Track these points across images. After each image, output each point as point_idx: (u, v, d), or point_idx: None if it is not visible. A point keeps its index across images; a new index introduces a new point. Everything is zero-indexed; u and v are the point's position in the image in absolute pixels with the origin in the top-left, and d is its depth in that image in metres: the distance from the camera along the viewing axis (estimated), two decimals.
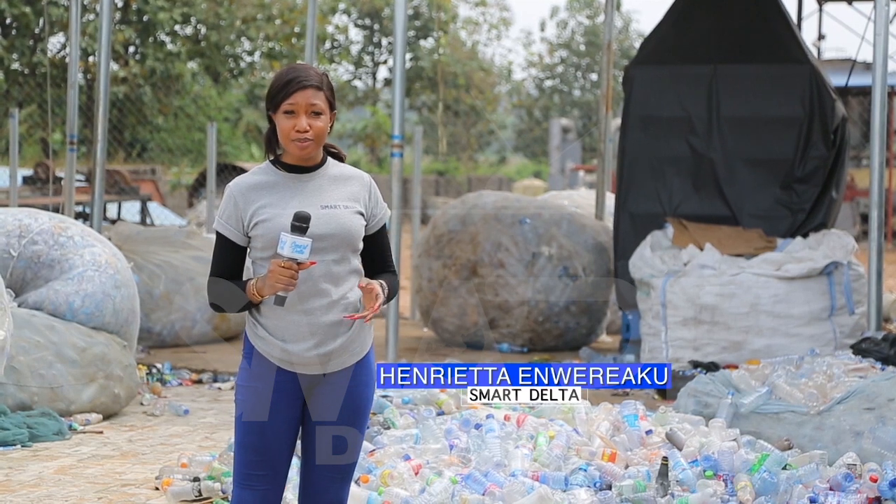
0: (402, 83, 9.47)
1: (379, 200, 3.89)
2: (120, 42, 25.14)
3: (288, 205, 3.74)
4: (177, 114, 27.79)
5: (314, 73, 3.79)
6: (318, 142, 3.78)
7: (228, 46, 28.41)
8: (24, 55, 24.61)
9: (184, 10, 26.41)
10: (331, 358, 3.78)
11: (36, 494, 5.86)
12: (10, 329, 7.05)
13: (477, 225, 10.94)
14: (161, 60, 26.37)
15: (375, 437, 6.15)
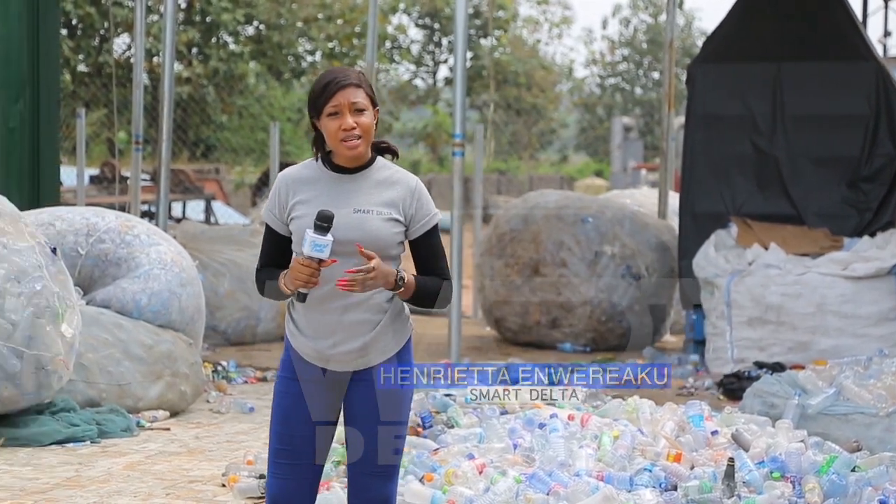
0: (462, 82, 9.47)
1: (424, 205, 3.83)
2: (183, 42, 25.36)
3: (323, 204, 3.76)
4: (240, 113, 27.99)
5: (352, 72, 3.81)
6: (366, 138, 3.78)
7: (290, 46, 28.57)
8: (89, 56, 24.90)
9: (246, 10, 26.59)
10: (355, 356, 3.80)
11: (105, 490, 5.93)
12: (78, 327, 7.15)
13: (539, 224, 10.93)
14: (224, 61, 26.56)
15: (439, 436, 6.16)
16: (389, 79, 39.62)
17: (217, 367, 9.26)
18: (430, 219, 3.84)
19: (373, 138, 3.82)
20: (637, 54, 48.63)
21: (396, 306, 3.83)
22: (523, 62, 38.96)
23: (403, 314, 3.87)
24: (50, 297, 6.88)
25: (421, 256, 3.85)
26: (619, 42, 49.19)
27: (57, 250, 7.23)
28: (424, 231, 3.83)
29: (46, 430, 6.84)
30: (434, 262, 3.85)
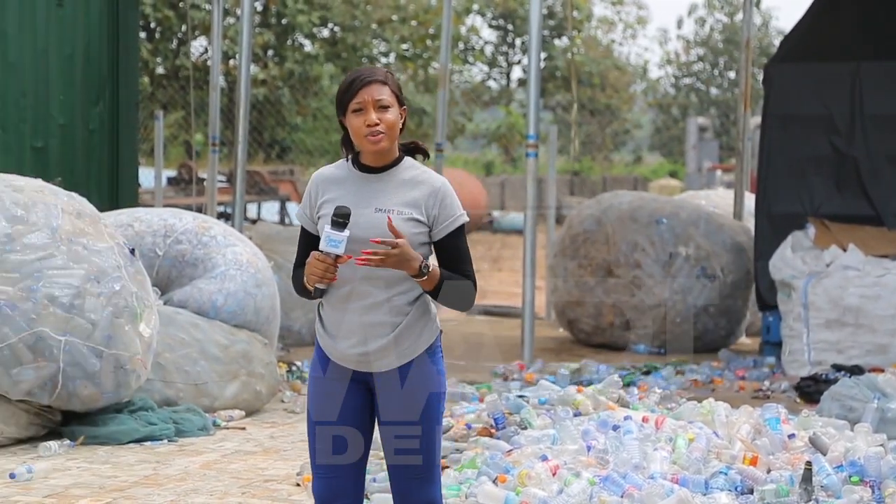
0: (536, 83, 9.46)
1: (448, 206, 3.80)
2: (259, 45, 25.59)
3: (347, 202, 3.77)
4: (315, 115, 28.18)
5: (378, 70, 3.81)
6: (390, 135, 3.78)
7: (364, 48, 28.70)
8: (167, 59, 25.21)
9: (322, 12, 26.76)
10: (375, 358, 3.79)
11: (182, 488, 6.00)
12: (156, 326, 7.24)
13: (613, 225, 10.87)
14: (299, 62, 26.76)
15: (513, 438, 6.16)
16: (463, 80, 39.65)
17: (291, 367, 9.32)
18: (454, 220, 3.81)
19: (398, 136, 3.82)
20: (713, 54, 48.22)
21: (420, 309, 3.80)
22: (597, 63, 38.81)
23: (428, 316, 3.82)
24: (128, 297, 6.97)
25: (445, 258, 3.82)
26: (695, 42, 48.81)
27: (135, 251, 7.32)
28: (448, 232, 3.80)
29: (125, 428, 6.94)
30: (458, 265, 3.80)
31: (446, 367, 3.98)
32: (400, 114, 3.80)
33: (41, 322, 6.66)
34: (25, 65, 9.06)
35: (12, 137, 8.98)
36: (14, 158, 8.94)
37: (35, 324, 6.64)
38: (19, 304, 6.63)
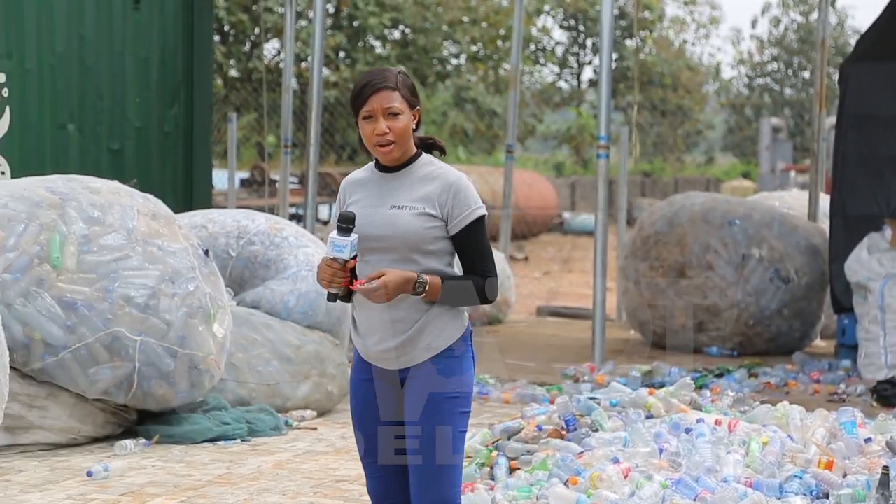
0: (608, 84, 9.42)
1: (461, 201, 3.78)
2: (331, 47, 25.73)
3: (369, 203, 3.81)
4: None
5: (389, 75, 3.80)
6: (400, 142, 3.78)
7: (435, 50, 28.75)
8: (240, 61, 25.44)
9: (393, 14, 26.85)
10: (398, 354, 3.79)
11: (255, 488, 6.05)
12: (229, 327, 7.31)
13: (684, 226, 10.80)
14: (370, 64, 26.87)
15: (584, 440, 6.13)
16: (533, 81, 39.59)
17: None
18: (468, 214, 3.79)
19: (410, 139, 3.82)
20: (787, 53, 47.70)
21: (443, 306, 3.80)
22: (669, 63, 38.55)
23: (452, 312, 3.81)
24: (202, 297, 7.04)
25: (462, 253, 3.81)
26: (769, 41, 48.32)
27: (209, 252, 7.40)
28: (462, 227, 3.78)
29: (199, 428, 7.01)
30: (474, 260, 3.79)
31: (516, 368, 3.97)
32: (413, 115, 3.81)
33: (117, 322, 6.74)
34: (102, 68, 9.20)
35: (89, 140, 9.11)
36: (91, 160, 9.07)
37: (111, 324, 6.73)
38: (96, 304, 6.72)
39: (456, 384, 3.81)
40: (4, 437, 6.52)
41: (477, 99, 31.02)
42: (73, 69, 8.96)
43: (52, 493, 5.86)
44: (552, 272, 19.22)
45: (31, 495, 5.80)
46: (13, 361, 6.46)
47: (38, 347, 6.62)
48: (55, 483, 6.03)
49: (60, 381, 6.69)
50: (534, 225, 24.79)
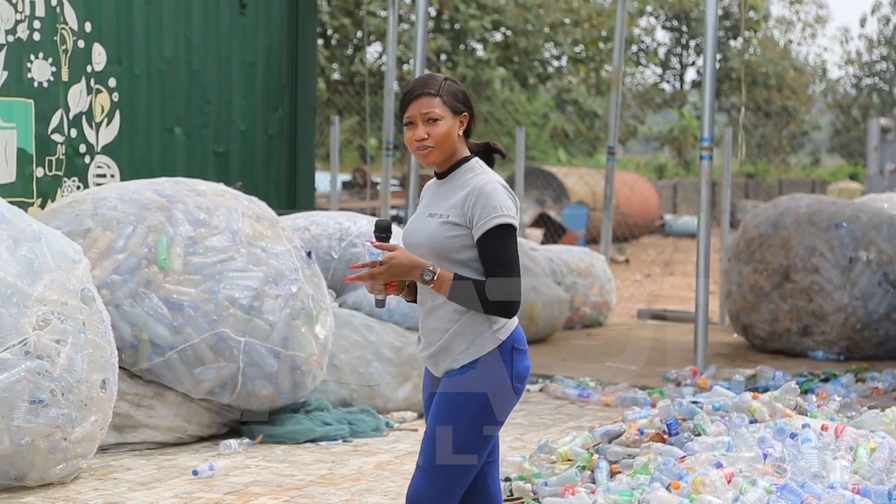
0: (712, 85, 9.32)
1: (482, 207, 3.75)
2: (433, 50, 25.83)
3: (420, 211, 3.89)
4: (486, 119, 28.31)
5: (433, 81, 3.82)
6: (439, 148, 3.79)
7: (536, 52, 28.71)
8: (343, 65, 25.65)
9: (494, 17, 26.87)
10: (434, 362, 3.85)
11: (357, 488, 6.09)
12: (331, 328, 7.37)
13: (789, 229, 10.64)
14: (472, 67, 26.92)
15: (686, 444, 6.07)
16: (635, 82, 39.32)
17: None
18: (487, 221, 3.74)
19: (453, 146, 3.81)
20: None
21: (475, 317, 3.78)
22: (774, 63, 38.03)
23: (483, 326, 3.78)
24: (305, 299, 7.11)
25: (481, 260, 3.78)
26: (878, 40, 47.41)
27: (312, 254, 7.47)
28: (480, 234, 3.75)
29: (301, 428, 7.08)
30: (490, 267, 3.75)
31: (616, 371, 3.96)
32: (459, 122, 3.81)
33: (222, 323, 6.84)
34: (208, 72, 9.34)
35: (196, 143, 9.26)
36: (197, 163, 9.22)
37: (216, 325, 6.82)
38: (201, 305, 6.82)
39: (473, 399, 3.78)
40: (113, 436, 6.65)
41: (578, 101, 30.90)
42: (180, 74, 9.12)
43: (158, 490, 5.96)
44: (653, 275, 19.07)
45: (139, 493, 5.91)
46: (122, 361, 6.59)
47: (146, 347, 6.74)
48: (162, 481, 6.14)
49: (167, 380, 6.81)
50: (635, 227, 24.62)
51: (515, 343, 3.81)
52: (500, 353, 3.79)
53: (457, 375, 3.80)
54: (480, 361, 3.79)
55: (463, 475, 3.83)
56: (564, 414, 8.21)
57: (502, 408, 3.81)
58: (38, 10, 8.13)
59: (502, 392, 3.79)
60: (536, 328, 11.14)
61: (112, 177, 8.59)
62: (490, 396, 3.79)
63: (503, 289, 3.73)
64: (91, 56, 8.46)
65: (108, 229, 6.88)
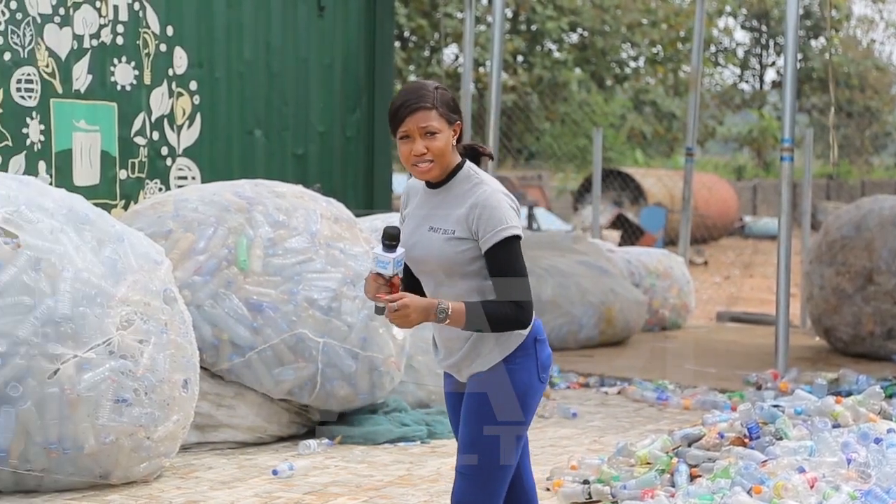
0: (793, 85, 9.21)
1: (486, 220, 3.70)
2: (509, 51, 25.81)
3: (414, 223, 3.81)
4: (563, 120, 28.24)
5: (426, 93, 3.74)
6: (439, 161, 3.74)
7: (613, 52, 28.57)
8: (419, 67, 25.72)
9: (571, 18, 26.79)
10: (457, 369, 3.84)
11: (435, 489, 6.10)
12: (409, 330, 7.39)
13: (873, 231, 10.49)
14: (548, 68, 26.86)
15: (767, 448, 6.01)
16: (714, 83, 38.99)
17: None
18: (493, 235, 3.69)
19: (450, 157, 3.77)
20: None
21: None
22: (856, 63, 37.51)
23: None
24: None
25: (490, 273, 3.74)
26: None
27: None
28: (488, 246, 3.70)
29: (379, 429, 7.10)
30: (499, 281, 3.72)
31: (695, 374, 3.92)
32: (454, 131, 3.76)
33: (301, 324, 6.88)
34: (287, 74, 9.40)
35: (275, 144, 9.33)
36: (277, 165, 9.29)
37: (295, 325, 6.87)
38: (281, 306, 6.87)
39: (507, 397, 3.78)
40: (195, 435, 6.72)
41: (656, 101, 30.71)
42: (260, 76, 9.19)
43: (239, 490, 6.01)
44: (732, 277, 18.89)
45: (220, 492, 5.97)
46: (203, 361, 6.66)
47: (226, 348, 6.80)
48: (242, 481, 6.19)
49: (247, 381, 6.86)
50: (713, 229, 24.41)
51: (537, 335, 3.82)
52: (524, 347, 3.79)
53: (485, 375, 3.78)
54: (507, 359, 3.77)
55: (505, 474, 3.83)
56: (643, 417, 8.16)
57: (532, 402, 3.82)
58: (121, 15, 8.25)
59: (531, 387, 3.80)
60: (614, 330, 11.08)
61: (193, 179, 8.68)
62: (520, 393, 3.78)
63: (513, 304, 3.70)
64: (172, 59, 8.56)
65: (190, 231, 6.96)
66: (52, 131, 7.90)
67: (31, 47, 7.77)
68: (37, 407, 5.67)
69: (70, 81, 7.98)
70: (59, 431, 5.71)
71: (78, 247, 5.99)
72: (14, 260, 5.78)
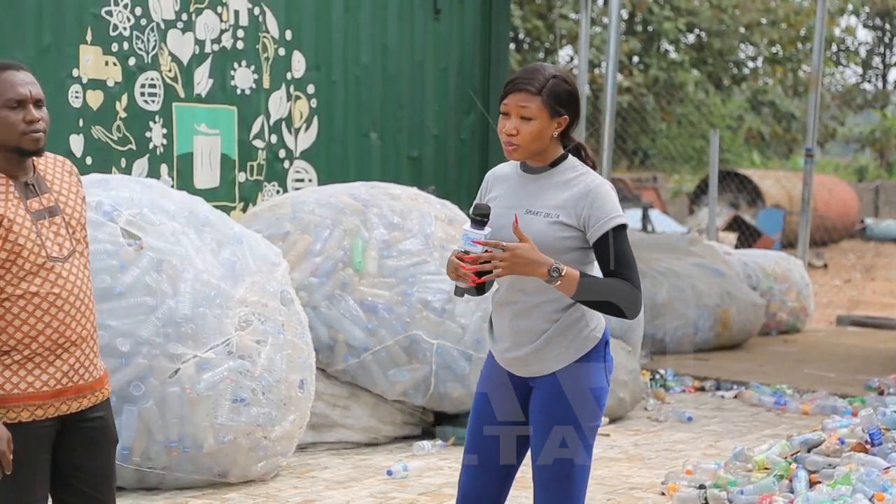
0: None
1: (599, 208, 3.61)
2: (625, 52, 25.64)
3: (506, 203, 3.70)
4: (679, 121, 27.97)
5: (539, 76, 3.65)
6: (524, 147, 3.65)
7: (731, 53, 28.22)
8: None
9: (688, 18, 26.52)
10: (524, 363, 3.71)
11: None
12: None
13: None
14: (664, 69, 26.63)
15: (890, 455, 5.88)
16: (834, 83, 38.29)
17: (655, 376, 9.28)
18: (606, 222, 3.61)
19: (541, 147, 3.67)
20: None
21: (572, 316, 3.66)
22: None
23: (582, 324, 3.68)
24: None
25: (602, 261, 3.65)
26: None
27: None
28: (600, 235, 3.62)
29: None
30: (616, 266, 3.62)
31: (815, 378, 3.84)
32: (557, 123, 3.66)
33: (415, 326, 6.92)
34: (403, 77, 9.46)
35: (390, 147, 9.40)
36: (392, 167, 9.35)
37: (410, 327, 6.91)
38: (395, 307, 6.92)
39: (585, 395, 3.70)
40: (310, 435, 6.80)
41: (774, 102, 30.25)
42: (376, 79, 9.27)
43: (354, 490, 6.07)
44: (853, 280, 18.52)
45: (335, 492, 6.03)
46: (318, 362, 6.74)
47: (342, 349, 6.87)
48: (358, 481, 6.24)
49: (362, 381, 6.92)
50: (834, 231, 23.96)
51: (606, 337, 3.76)
52: (597, 349, 3.72)
53: (560, 377, 3.69)
54: (581, 360, 3.69)
55: (587, 475, 3.80)
56: (760, 421, 8.05)
57: (603, 403, 3.76)
58: (241, 20, 8.39)
59: (604, 389, 3.75)
60: (730, 333, 10.95)
61: (310, 181, 8.78)
62: (594, 394, 3.72)
63: (631, 289, 3.62)
64: (291, 63, 8.68)
65: (306, 233, 7.05)
66: (173, 135, 8.06)
67: (155, 52, 7.94)
68: (158, 406, 5.79)
69: (191, 86, 8.13)
70: (179, 430, 5.82)
71: (198, 248, 6.11)
72: (137, 261, 5.91)
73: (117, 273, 5.83)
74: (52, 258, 3.42)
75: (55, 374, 3.43)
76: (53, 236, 3.44)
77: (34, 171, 3.49)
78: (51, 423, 3.44)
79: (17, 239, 3.37)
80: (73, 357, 3.45)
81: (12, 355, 3.39)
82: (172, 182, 7.96)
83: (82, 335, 3.47)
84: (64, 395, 3.45)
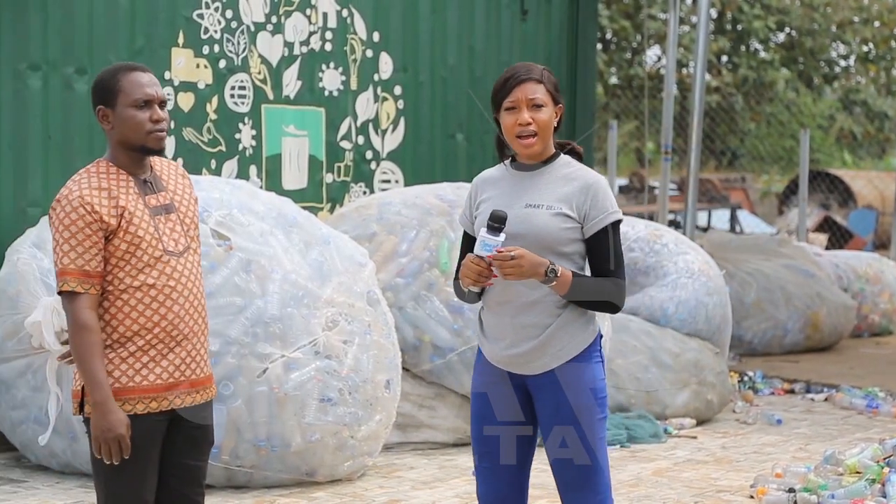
0: None
1: (599, 203, 3.67)
2: (713, 52, 25.40)
3: (501, 201, 3.71)
4: (769, 121, 27.65)
5: (535, 68, 3.74)
6: (542, 135, 3.70)
7: (822, 52, 27.84)
8: (621, 69, 25.56)
9: (779, 17, 26.21)
10: (526, 360, 3.71)
11: (635, 494, 6.06)
12: (608, 333, 7.36)
13: None
14: (754, 69, 26.34)
15: None
16: None
17: (743, 378, 9.20)
18: (604, 217, 3.68)
19: (552, 135, 3.74)
20: None
21: (574, 311, 3.70)
22: None
23: (584, 319, 3.71)
24: None
25: (594, 256, 3.70)
26: None
27: None
28: (596, 230, 3.68)
29: None
30: (603, 263, 3.68)
31: None
32: (555, 112, 3.74)
33: None
34: (489, 78, 9.45)
35: (476, 148, 9.38)
36: (478, 168, 9.04)
37: None
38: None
39: (589, 390, 3.72)
40: (396, 435, 6.84)
41: (867, 101, 29.78)
42: (462, 80, 9.28)
43: (440, 490, 6.09)
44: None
45: (421, 492, 6.06)
46: (404, 362, 6.77)
47: (427, 349, 6.90)
48: (443, 481, 6.26)
49: (447, 382, 6.94)
50: None
51: (600, 332, 3.80)
52: (595, 344, 3.75)
53: (557, 375, 3.71)
54: (581, 355, 3.71)
55: (608, 466, 3.80)
56: (851, 425, 7.94)
57: (606, 394, 3.80)
58: (330, 22, 8.46)
59: (604, 381, 3.78)
60: (821, 335, 10.80)
61: (396, 182, 8.83)
62: (599, 388, 3.75)
63: (618, 286, 3.70)
64: (378, 65, 8.73)
65: (393, 233, 7.09)
66: (262, 136, 8.15)
67: (245, 55, 8.04)
68: (246, 405, 5.86)
69: (280, 87, 8.22)
70: (267, 429, 5.89)
71: (286, 249, 6.17)
72: (226, 262, 5.99)
73: (207, 273, 5.91)
74: (168, 252, 3.55)
75: (168, 367, 3.53)
76: (170, 232, 3.57)
77: (151, 170, 3.62)
78: (163, 418, 3.54)
79: (136, 231, 3.49)
80: (184, 351, 3.55)
81: (128, 346, 3.50)
82: (261, 183, 8.04)
83: (194, 329, 3.58)
84: (176, 388, 3.54)
